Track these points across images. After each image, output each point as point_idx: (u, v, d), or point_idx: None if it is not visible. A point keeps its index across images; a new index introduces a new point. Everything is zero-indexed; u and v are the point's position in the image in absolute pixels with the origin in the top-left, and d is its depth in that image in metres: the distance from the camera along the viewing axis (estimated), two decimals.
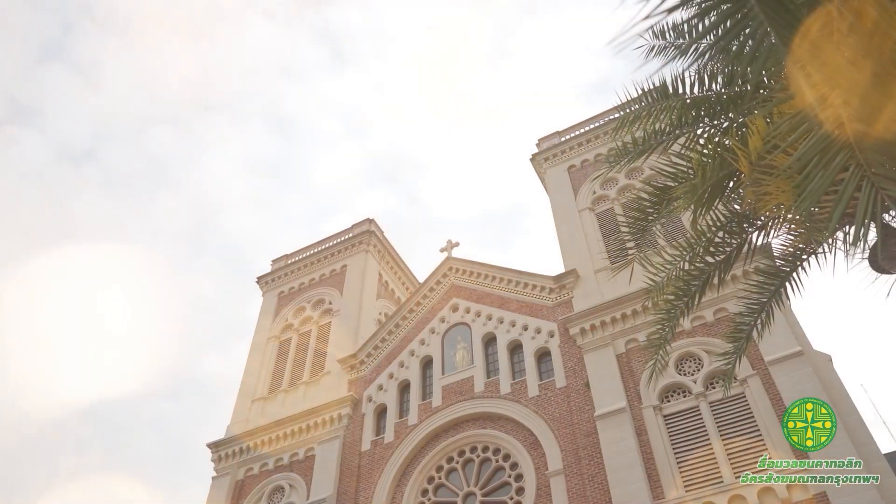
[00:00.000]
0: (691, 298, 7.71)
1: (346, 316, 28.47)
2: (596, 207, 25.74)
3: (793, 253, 6.59)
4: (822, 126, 3.57)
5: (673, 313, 7.97)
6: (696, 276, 7.56)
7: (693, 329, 19.57)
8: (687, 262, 7.40)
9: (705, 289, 7.61)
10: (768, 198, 4.69)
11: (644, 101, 6.31)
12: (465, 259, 26.38)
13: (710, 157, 5.39)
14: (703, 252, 7.17)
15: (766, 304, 7.40)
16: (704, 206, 5.80)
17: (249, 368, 28.82)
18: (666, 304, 7.84)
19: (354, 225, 33.20)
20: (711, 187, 5.42)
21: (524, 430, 20.20)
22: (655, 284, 7.94)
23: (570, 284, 22.92)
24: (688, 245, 7.30)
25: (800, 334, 17.81)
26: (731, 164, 5.09)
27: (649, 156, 7.01)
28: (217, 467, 25.02)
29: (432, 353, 24.21)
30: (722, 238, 6.98)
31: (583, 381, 20.00)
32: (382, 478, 21.36)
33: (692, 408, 17.96)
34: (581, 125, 29.35)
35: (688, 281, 7.60)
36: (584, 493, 17.63)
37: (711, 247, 7.11)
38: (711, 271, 7.44)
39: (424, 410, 22.50)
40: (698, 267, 7.42)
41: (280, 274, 32.75)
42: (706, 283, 7.54)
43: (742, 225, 6.56)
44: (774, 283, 7.06)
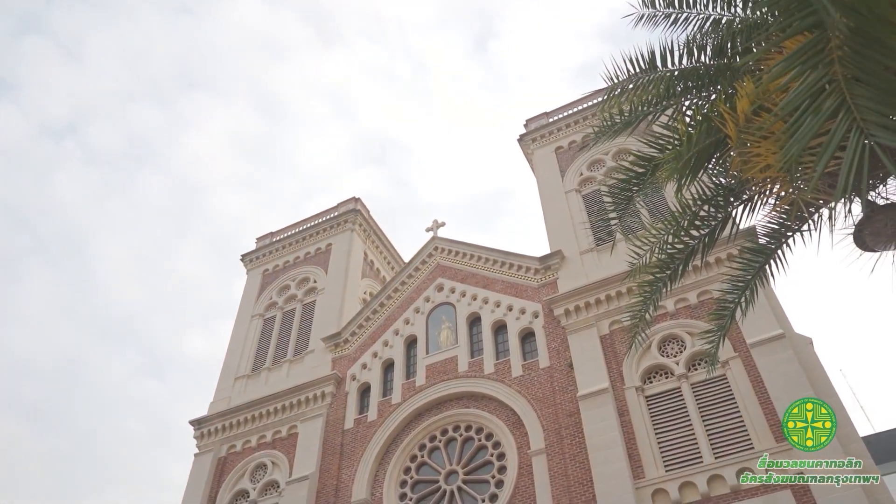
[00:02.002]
0: (675, 271, 7.65)
1: (330, 295, 28.35)
2: (583, 189, 25.69)
3: (778, 229, 6.53)
4: (813, 69, 3.49)
5: (656, 286, 7.91)
6: (680, 249, 7.49)
7: (676, 311, 19.65)
8: (671, 235, 7.33)
9: (689, 262, 7.56)
10: (757, 159, 4.62)
11: (632, 71, 6.21)
12: (451, 239, 26.30)
13: (696, 125, 5.30)
14: (688, 226, 7.11)
15: (751, 282, 7.36)
16: (690, 175, 5.72)
17: (233, 346, 28.70)
18: (649, 278, 7.77)
19: (340, 203, 32.97)
20: (697, 154, 5.34)
21: (507, 409, 20.27)
22: (639, 258, 7.87)
23: (555, 265, 22.92)
24: (672, 219, 7.23)
25: (782, 317, 17.93)
26: (719, 129, 5.01)
27: (636, 128, 6.90)
28: (199, 444, 24.96)
29: (416, 332, 24.18)
30: (707, 212, 6.91)
31: (566, 362, 20.06)
32: (365, 456, 21.39)
33: (674, 389, 18.08)
34: (569, 106, 29.22)
35: (672, 254, 7.53)
36: (565, 472, 17.75)
37: (697, 220, 7.05)
38: (696, 245, 7.38)
39: (408, 389, 22.51)
40: (683, 240, 7.35)
41: (265, 252, 32.53)
42: (690, 257, 7.48)
43: (728, 198, 6.50)
44: (759, 260, 7.01)
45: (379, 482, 20.78)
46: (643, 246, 7.83)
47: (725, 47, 5.38)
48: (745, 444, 16.20)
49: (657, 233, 7.64)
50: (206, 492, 23.13)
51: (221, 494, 22.92)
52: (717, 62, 5.45)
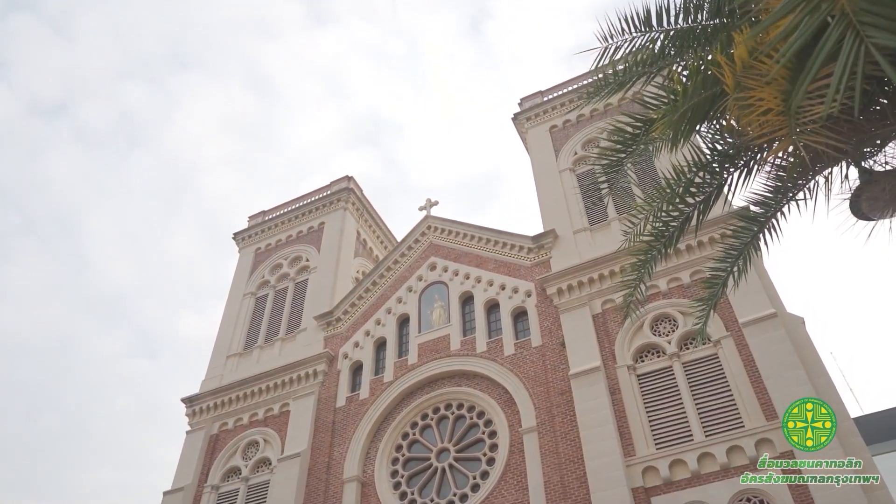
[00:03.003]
0: (669, 239, 7.54)
1: (323, 273, 28.24)
2: (576, 168, 25.56)
3: (773, 196, 6.42)
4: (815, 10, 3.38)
5: (650, 255, 7.80)
6: (675, 217, 7.37)
7: (669, 290, 19.64)
8: (666, 202, 7.20)
9: (684, 229, 7.42)
10: (757, 104, 4.50)
11: (626, 31, 6.07)
12: (444, 218, 26.18)
13: (692, 75, 5.17)
14: (683, 193, 6.98)
15: (744, 251, 7.25)
16: (686, 130, 5.60)
17: (225, 325, 28.61)
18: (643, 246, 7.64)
19: (333, 182, 32.75)
20: (693, 108, 5.22)
21: (499, 387, 20.28)
22: (634, 226, 7.75)
23: (548, 245, 22.84)
24: (667, 185, 7.10)
25: (774, 297, 17.92)
26: (717, 81, 4.88)
27: (629, 88, 6.76)
28: (191, 422, 24.94)
29: (409, 311, 24.13)
30: (702, 178, 6.79)
31: (558, 341, 20.05)
32: (357, 433, 21.41)
33: (665, 368, 18.10)
34: (564, 85, 29.01)
35: (666, 222, 7.42)
36: (556, 450, 17.80)
37: (692, 187, 6.93)
38: (690, 212, 7.26)
39: (400, 368, 22.49)
40: (678, 208, 7.23)
41: (257, 231, 32.35)
42: (685, 224, 7.36)
43: (723, 164, 6.38)
44: (752, 229, 6.90)
45: (371, 460, 20.83)
46: (637, 214, 7.70)
47: (723, 8, 5.23)
48: (735, 422, 16.25)
49: (651, 201, 7.51)
50: (198, 469, 23.14)
51: (213, 471, 22.94)
52: (715, 23, 5.32)
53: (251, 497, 21.69)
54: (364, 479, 20.37)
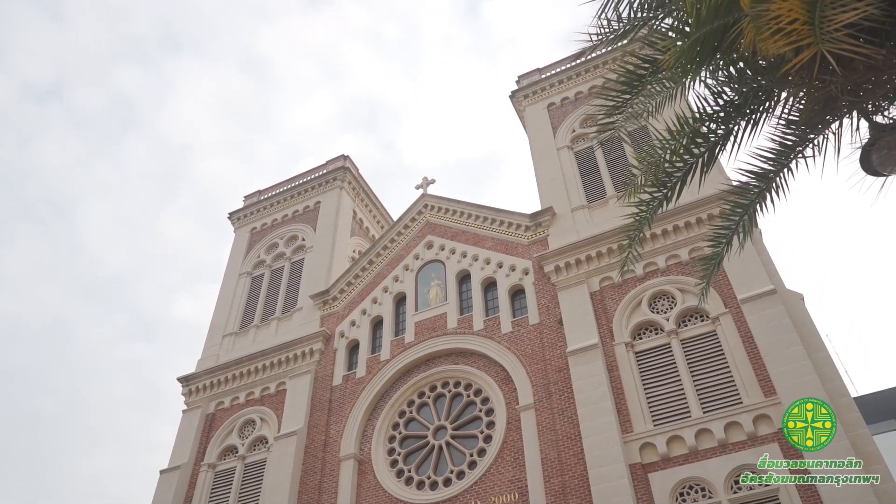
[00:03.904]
0: (671, 190, 7.34)
1: (319, 252, 28.06)
2: (575, 146, 25.33)
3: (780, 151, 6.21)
4: None
5: (651, 205, 7.60)
6: (679, 168, 7.16)
7: (667, 268, 19.51)
8: (670, 152, 7.00)
9: (687, 180, 7.22)
10: (773, 23, 4.31)
11: None
12: (441, 196, 25.96)
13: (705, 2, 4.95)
14: (688, 143, 6.77)
15: (750, 207, 7.05)
16: (696, 64, 5.37)
17: (221, 304, 28.46)
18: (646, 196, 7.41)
19: (328, 161, 32.47)
20: (705, 37, 5.01)
21: (496, 365, 20.20)
22: (636, 177, 7.54)
23: (546, 222, 22.67)
24: (671, 135, 6.89)
25: (773, 273, 17.80)
26: (729, 7, 4.66)
27: (636, 34, 6.51)
28: (188, 401, 24.86)
29: (406, 289, 23.99)
30: (708, 128, 6.58)
31: (556, 318, 19.94)
32: (354, 412, 21.34)
33: (664, 345, 18.02)
34: (562, 62, 28.67)
35: (670, 173, 7.21)
36: (553, 427, 17.74)
37: (697, 137, 6.71)
38: (694, 162, 7.05)
39: (397, 346, 22.39)
40: (682, 158, 7.02)
41: (252, 210, 32.11)
42: (688, 175, 7.15)
43: (730, 113, 6.17)
44: (760, 185, 6.70)
45: (367, 437, 20.78)
46: (640, 165, 7.49)
47: None
48: (733, 398, 16.19)
49: (654, 151, 7.28)
50: (195, 448, 23.09)
51: (210, 450, 22.89)
52: None
53: (248, 475, 21.66)
54: (361, 457, 20.33)
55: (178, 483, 22.04)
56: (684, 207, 19.91)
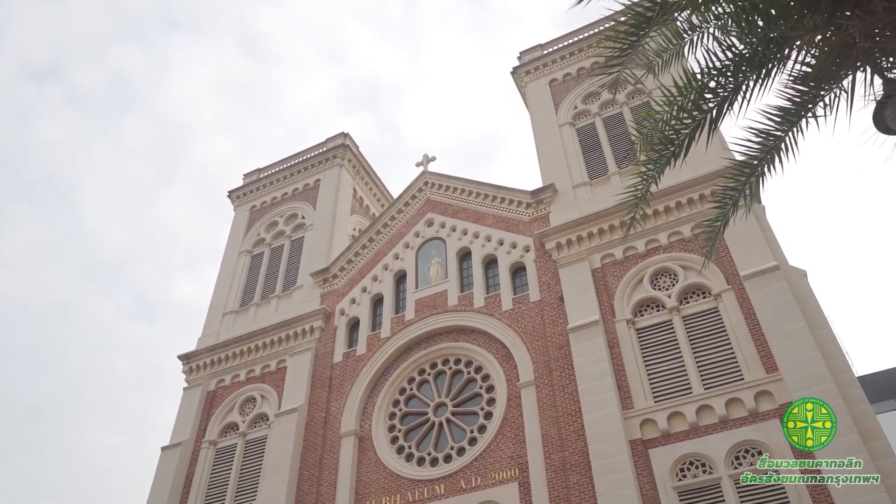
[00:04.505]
0: (679, 147, 7.14)
1: (319, 230, 27.92)
2: (577, 122, 25.06)
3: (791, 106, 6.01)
4: None
5: (659, 163, 7.41)
6: (687, 124, 6.95)
7: (670, 244, 19.35)
8: (677, 108, 6.79)
9: (695, 136, 7.01)
10: None
11: None
12: (441, 173, 25.74)
13: None
14: (696, 98, 6.57)
15: (758, 168, 6.85)
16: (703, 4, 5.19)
17: (221, 282, 28.39)
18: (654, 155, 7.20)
19: (328, 139, 32.21)
20: None
21: (497, 342, 20.13)
22: (642, 136, 7.34)
23: (547, 199, 22.49)
24: (678, 91, 6.69)
25: (776, 249, 17.64)
26: None
27: None
28: (188, 378, 24.87)
29: (406, 267, 23.87)
30: (717, 82, 6.38)
31: (557, 295, 19.83)
32: (354, 389, 21.32)
33: (665, 322, 17.92)
34: (564, 38, 28.32)
35: (678, 129, 7.01)
36: (554, 403, 17.70)
37: (706, 92, 6.50)
38: (703, 118, 6.84)
39: (397, 323, 22.32)
40: (692, 115, 6.80)
41: (252, 188, 31.93)
42: (696, 132, 6.95)
43: (739, 66, 5.97)
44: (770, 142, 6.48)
45: (368, 414, 20.77)
46: (647, 123, 7.28)
47: None
48: (735, 375, 16.11)
49: (662, 108, 7.06)
50: (196, 425, 23.13)
51: (211, 427, 22.92)
52: None
53: (249, 452, 21.70)
54: (361, 434, 20.34)
55: (180, 460, 22.09)
56: (687, 184, 19.75)
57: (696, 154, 20.48)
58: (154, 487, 21.75)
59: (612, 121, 24.26)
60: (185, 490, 21.62)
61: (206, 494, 21.27)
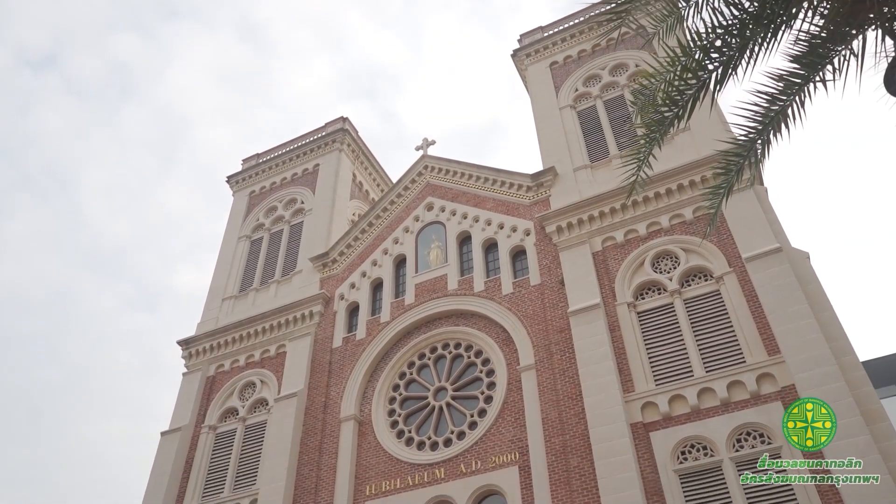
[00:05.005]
0: (683, 108, 6.94)
1: (318, 215, 27.74)
2: (577, 105, 24.81)
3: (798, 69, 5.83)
4: None
5: (662, 122, 7.20)
6: (692, 84, 6.75)
7: (671, 227, 19.18)
8: (681, 68, 6.59)
9: (701, 95, 6.80)
10: None
11: None
12: (441, 157, 25.54)
13: None
14: (702, 57, 6.37)
15: (763, 133, 6.64)
16: None
17: (220, 268, 28.26)
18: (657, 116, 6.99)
19: (328, 123, 31.95)
20: None
21: (497, 326, 20.01)
22: (645, 96, 7.13)
23: (547, 182, 22.30)
24: (683, 51, 6.49)
25: (778, 231, 17.47)
26: None
27: None
28: (188, 364, 24.80)
29: (406, 251, 23.72)
30: (723, 40, 6.18)
31: (557, 279, 19.69)
32: (354, 373, 21.23)
33: (666, 305, 17.78)
34: (565, 20, 28.01)
35: (682, 90, 6.81)
36: (554, 387, 17.60)
37: (712, 50, 6.30)
38: (708, 77, 6.64)
39: (397, 308, 22.20)
40: (696, 75, 6.61)
41: (251, 173, 31.73)
42: (701, 93, 6.75)
43: (746, 24, 5.78)
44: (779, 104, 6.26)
45: (367, 399, 20.69)
46: (649, 84, 7.08)
47: None
48: (736, 357, 16.00)
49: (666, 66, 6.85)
50: (195, 410, 23.07)
51: (211, 412, 22.87)
52: None
53: (249, 436, 21.65)
54: (361, 419, 20.26)
55: (180, 444, 22.05)
56: (688, 166, 19.59)
57: (697, 135, 20.44)
58: (154, 472, 21.72)
59: (614, 103, 24.02)
60: (184, 475, 21.60)
61: (206, 479, 21.24)
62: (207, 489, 20.99)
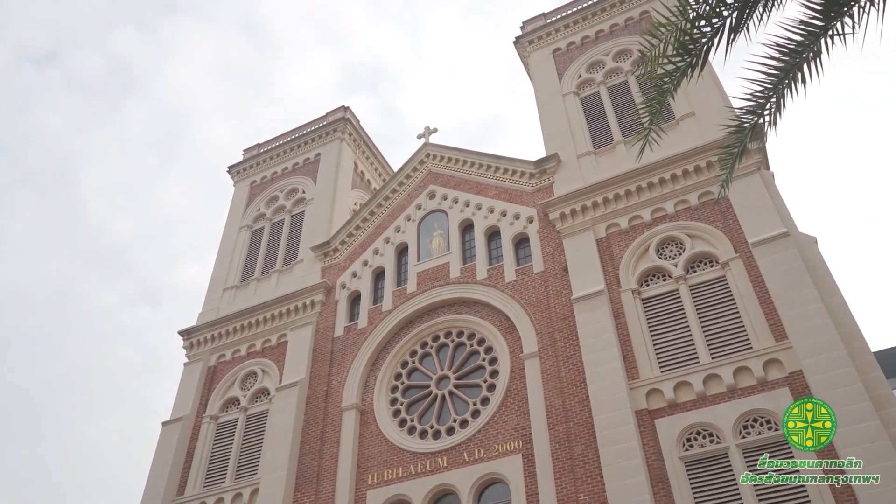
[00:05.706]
0: (696, 57, 6.68)
1: (319, 205, 27.54)
2: (581, 91, 24.53)
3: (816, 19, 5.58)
4: None
5: (675, 75, 6.94)
6: (705, 32, 6.48)
7: (676, 213, 18.93)
8: (694, 14, 6.34)
9: (714, 43, 6.55)
10: None
11: None
12: (443, 145, 25.29)
13: None
14: (716, 3, 6.12)
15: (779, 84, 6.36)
16: None
17: (221, 258, 28.10)
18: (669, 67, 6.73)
19: (329, 112, 31.71)
20: None
21: (500, 314, 19.80)
22: (654, 47, 6.88)
23: (551, 169, 22.05)
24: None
25: (785, 216, 17.21)
26: None
27: None
28: (189, 354, 24.66)
29: (408, 240, 23.51)
30: None
31: (561, 266, 19.47)
32: (356, 362, 21.06)
33: (671, 291, 17.56)
34: (567, 6, 27.71)
35: (696, 38, 6.56)
36: (558, 374, 17.40)
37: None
38: (721, 25, 6.39)
39: (399, 296, 22.00)
40: (710, 22, 6.36)
41: (252, 163, 31.53)
42: (715, 40, 6.49)
43: None
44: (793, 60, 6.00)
45: (370, 388, 20.52)
46: (659, 34, 6.82)
47: None
48: (743, 343, 15.76)
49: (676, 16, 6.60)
50: (196, 400, 22.94)
51: (212, 402, 22.73)
52: None
53: (250, 426, 21.50)
54: (363, 407, 20.09)
55: (181, 434, 21.92)
56: (693, 151, 19.33)
57: (702, 120, 20.17)
58: (155, 462, 21.60)
59: (617, 89, 23.76)
60: (186, 465, 21.47)
61: (208, 469, 21.11)
62: (209, 479, 20.86)
